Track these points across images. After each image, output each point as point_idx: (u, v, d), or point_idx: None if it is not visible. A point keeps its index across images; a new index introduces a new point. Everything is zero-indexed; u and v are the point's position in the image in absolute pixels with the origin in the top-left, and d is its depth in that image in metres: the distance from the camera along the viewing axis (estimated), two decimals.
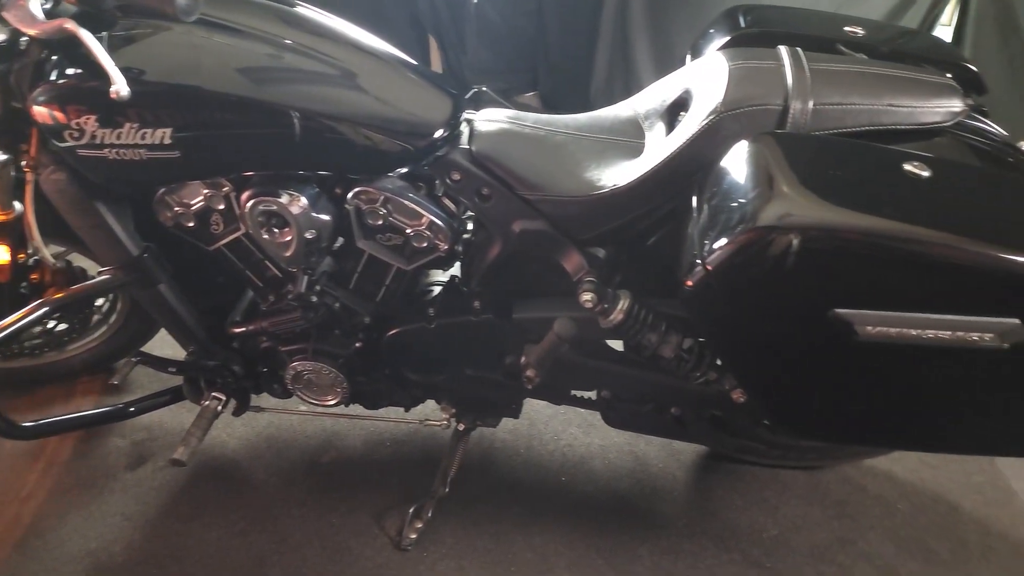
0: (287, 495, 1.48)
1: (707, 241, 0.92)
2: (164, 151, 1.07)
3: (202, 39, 1.09)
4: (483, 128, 1.20)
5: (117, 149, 1.07)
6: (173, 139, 1.06)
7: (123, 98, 0.95)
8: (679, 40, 3.40)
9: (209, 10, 1.08)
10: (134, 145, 1.06)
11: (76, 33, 0.95)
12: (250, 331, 1.36)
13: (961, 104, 1.05)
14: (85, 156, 1.08)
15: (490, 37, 3.92)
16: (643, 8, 3.50)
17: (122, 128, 1.05)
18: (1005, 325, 0.86)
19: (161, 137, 1.06)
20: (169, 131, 1.06)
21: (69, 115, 1.04)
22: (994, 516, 1.49)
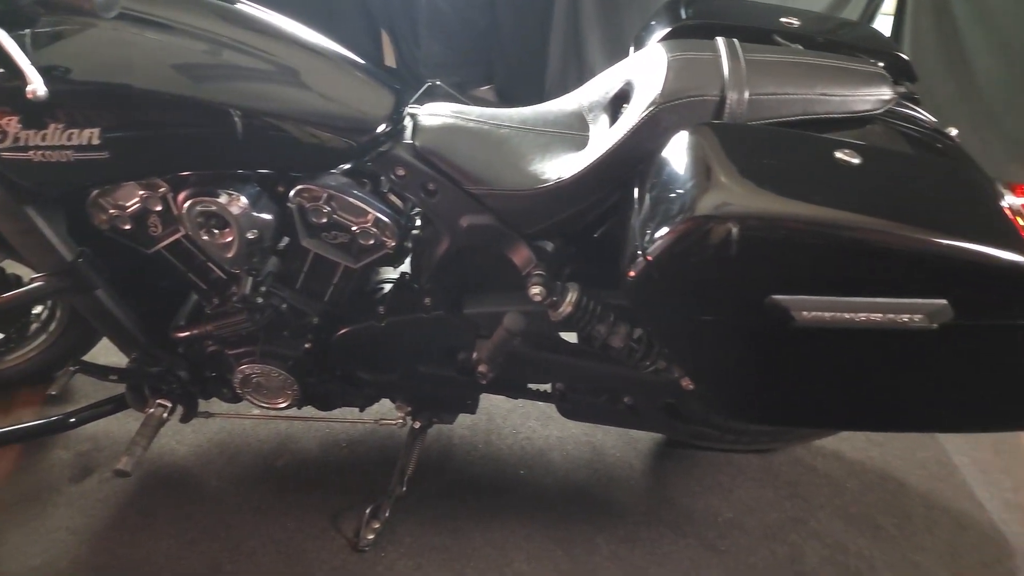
0: (240, 501, 1.45)
1: (647, 232, 0.93)
2: (92, 152, 1.04)
3: (132, 36, 1.05)
4: (427, 123, 1.19)
5: (42, 151, 1.03)
6: (102, 139, 1.03)
7: (40, 98, 0.92)
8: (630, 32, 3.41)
9: (139, 6, 1.05)
10: (60, 147, 1.03)
11: None
12: (195, 335, 1.32)
13: (891, 92, 1.08)
14: (9, 159, 1.04)
15: (443, 30, 3.89)
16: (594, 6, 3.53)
17: (47, 129, 1.02)
18: (933, 306, 0.89)
19: (89, 138, 1.02)
20: (97, 131, 1.02)
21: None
22: (937, 490, 1.54)
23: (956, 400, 1.03)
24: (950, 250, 0.87)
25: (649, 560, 1.38)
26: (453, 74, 4.00)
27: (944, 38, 2.52)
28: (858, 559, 1.39)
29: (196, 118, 1.07)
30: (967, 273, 0.88)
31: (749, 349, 0.99)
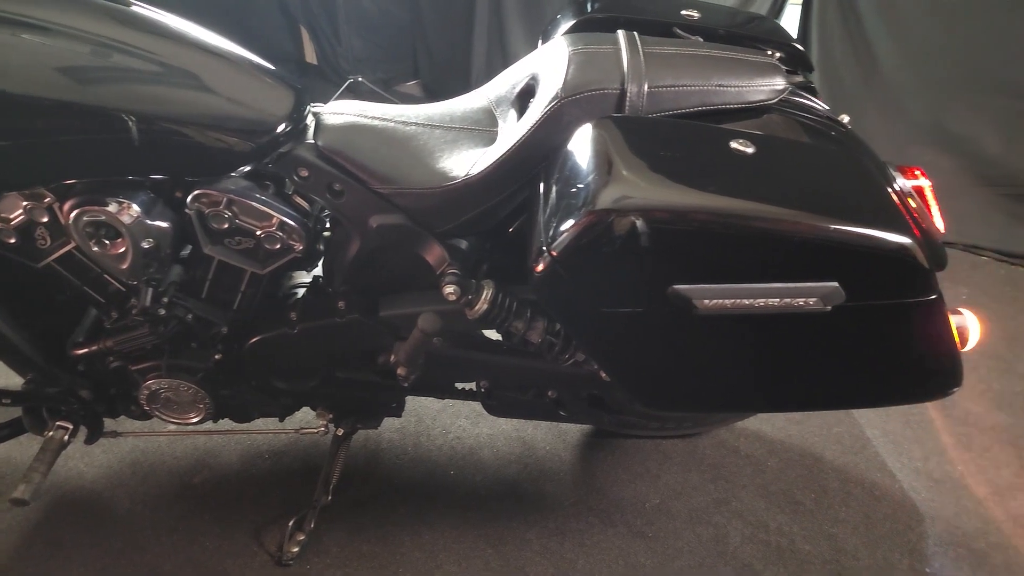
0: (155, 522, 1.39)
1: (552, 226, 0.93)
2: None
3: (7, 38, 0.98)
4: (330, 122, 1.16)
5: None
6: None
7: None
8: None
9: (16, 7, 0.98)
10: None
11: None
12: (95, 351, 1.25)
13: (784, 82, 1.11)
14: None
15: (364, 26, 3.83)
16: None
17: None
18: (826, 289, 0.92)
19: None
20: None
21: None
22: (851, 463, 1.61)
23: (855, 377, 1.07)
24: (839, 235, 0.90)
25: (578, 551, 1.39)
26: (377, 70, 3.94)
27: (848, 27, 2.63)
28: (778, 535, 1.43)
29: (80, 123, 1.00)
30: (856, 256, 0.91)
31: (655, 338, 1.00)
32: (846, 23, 2.62)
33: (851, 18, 2.60)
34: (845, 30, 2.63)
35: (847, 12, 2.60)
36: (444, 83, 3.99)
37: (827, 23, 2.65)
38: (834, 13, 2.63)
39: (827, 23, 2.65)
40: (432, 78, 4.07)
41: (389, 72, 4.04)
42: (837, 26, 2.64)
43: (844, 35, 2.64)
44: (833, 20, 2.63)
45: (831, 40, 2.66)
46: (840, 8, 2.62)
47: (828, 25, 2.65)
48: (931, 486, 1.56)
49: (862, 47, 2.61)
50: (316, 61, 4.21)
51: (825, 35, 2.67)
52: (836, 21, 2.63)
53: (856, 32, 2.61)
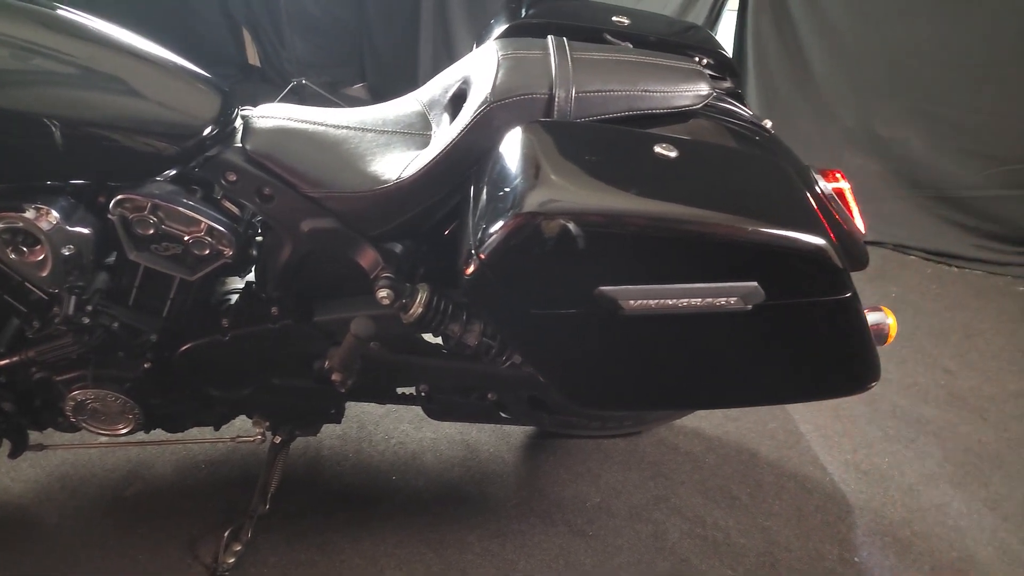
0: (85, 537, 1.35)
1: (480, 230, 0.94)
2: None
3: None
4: (258, 125, 1.15)
5: None
6: None
7: None
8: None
9: None
10: None
11: None
12: (16, 362, 1.21)
13: (708, 87, 1.14)
14: None
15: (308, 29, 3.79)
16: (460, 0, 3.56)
17: None
18: (746, 288, 0.95)
19: None
20: None
21: None
22: (785, 457, 1.66)
23: (777, 373, 1.10)
24: (757, 236, 0.93)
25: (519, 553, 1.40)
26: (323, 73, 3.90)
27: (783, 34, 2.71)
28: (715, 530, 1.47)
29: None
30: (774, 257, 0.94)
31: (585, 339, 1.02)
32: (780, 30, 2.70)
33: (785, 25, 2.69)
34: (779, 36, 2.71)
35: (781, 19, 2.69)
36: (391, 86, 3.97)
37: (761, 29, 2.73)
38: (768, 20, 2.71)
39: (761, 29, 2.73)
40: (379, 81, 4.05)
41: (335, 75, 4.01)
42: (771, 33, 2.72)
43: (778, 41, 2.72)
44: (767, 27, 2.72)
45: (766, 46, 2.75)
46: (774, 15, 2.70)
47: (763, 31, 2.74)
48: (860, 478, 1.62)
49: (795, 53, 2.70)
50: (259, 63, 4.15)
51: (760, 41, 2.75)
52: (770, 28, 2.71)
53: (790, 38, 2.69)
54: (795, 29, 2.66)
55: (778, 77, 2.78)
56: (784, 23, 2.69)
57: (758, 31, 2.74)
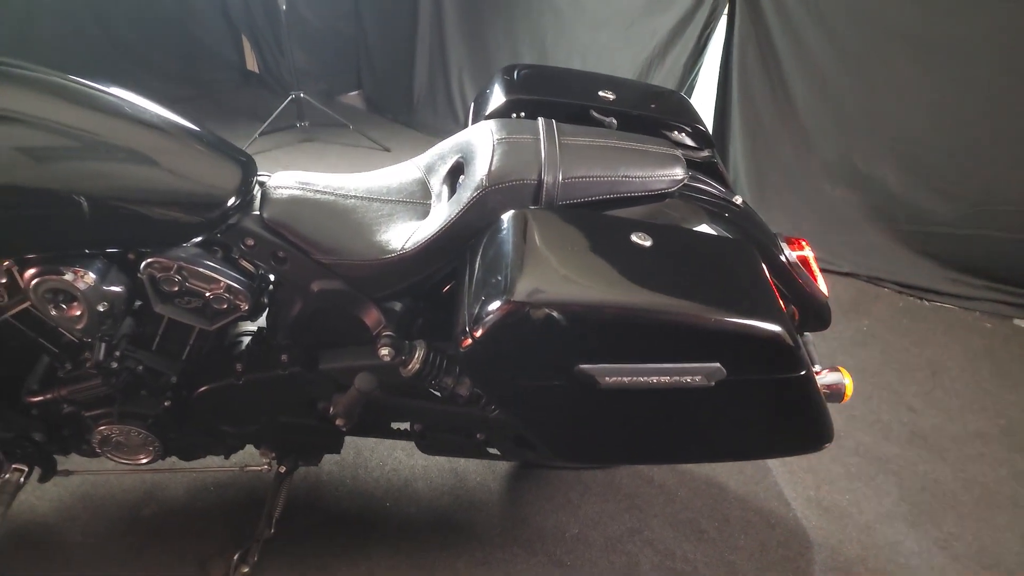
0: (105, 555, 1.47)
1: (474, 310, 1.05)
2: None
3: None
4: (274, 195, 1.25)
5: None
6: None
7: None
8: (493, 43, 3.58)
9: None
10: None
11: None
12: (48, 400, 1.33)
13: (683, 172, 1.25)
14: None
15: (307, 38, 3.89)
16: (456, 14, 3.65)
17: None
18: (709, 368, 1.07)
19: None
20: None
21: None
22: (752, 492, 1.79)
23: (738, 436, 1.23)
24: (720, 323, 1.04)
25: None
26: (320, 81, 4.00)
27: (768, 69, 2.81)
28: (683, 563, 1.60)
29: (36, 205, 1.07)
30: (735, 340, 1.06)
31: (566, 405, 1.14)
32: (764, 62, 2.80)
33: (769, 58, 2.78)
34: (763, 68, 2.81)
35: (766, 51, 2.79)
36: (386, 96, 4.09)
37: (747, 63, 2.83)
38: (754, 52, 2.81)
39: (747, 63, 2.83)
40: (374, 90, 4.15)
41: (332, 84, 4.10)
42: (756, 65, 2.82)
43: (763, 75, 2.82)
44: (753, 60, 2.81)
45: (751, 81, 2.85)
46: (759, 48, 2.80)
47: (748, 67, 2.83)
48: (821, 514, 1.75)
49: (779, 85, 2.81)
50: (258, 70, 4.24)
51: (745, 76, 2.85)
52: (755, 60, 2.81)
53: (774, 71, 2.79)
54: (779, 62, 2.76)
55: (761, 107, 2.88)
56: (768, 56, 2.78)
57: (743, 61, 2.84)
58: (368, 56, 4.07)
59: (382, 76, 4.07)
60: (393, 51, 3.91)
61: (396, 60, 3.90)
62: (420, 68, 3.80)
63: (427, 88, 3.84)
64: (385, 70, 4.03)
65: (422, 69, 3.80)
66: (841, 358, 2.30)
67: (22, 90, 1.11)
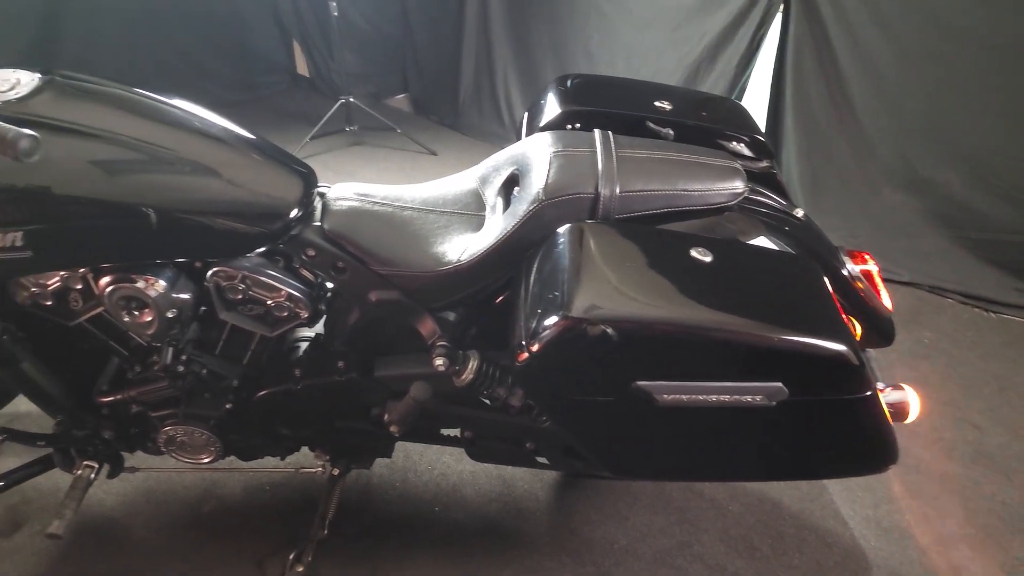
0: (169, 550, 1.53)
1: (530, 324, 1.06)
2: (15, 252, 1.08)
3: (48, 144, 1.08)
4: (335, 206, 1.28)
5: None
6: (24, 241, 1.08)
7: None
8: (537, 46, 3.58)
9: (51, 112, 1.09)
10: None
11: None
12: (119, 400, 1.38)
13: (743, 186, 1.23)
14: None
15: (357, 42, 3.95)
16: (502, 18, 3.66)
17: None
18: (771, 388, 1.04)
19: (12, 240, 1.07)
20: (20, 235, 1.07)
21: None
22: (808, 510, 1.74)
23: (797, 457, 1.20)
24: (783, 342, 1.02)
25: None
26: (368, 84, 4.06)
27: (824, 69, 2.73)
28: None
29: (114, 218, 1.11)
30: (798, 360, 1.03)
31: (621, 422, 1.13)
32: (822, 65, 2.72)
33: (827, 60, 2.70)
34: (820, 72, 2.73)
35: (823, 55, 2.71)
36: (432, 98, 4.13)
37: (802, 64, 2.76)
38: (810, 52, 2.73)
39: (802, 64, 2.76)
40: (421, 92, 4.20)
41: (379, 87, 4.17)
42: (812, 68, 2.74)
43: (819, 77, 2.74)
44: (809, 61, 2.74)
45: (806, 81, 2.77)
46: (816, 48, 2.72)
47: (803, 66, 2.76)
48: (880, 534, 1.70)
49: (836, 87, 2.72)
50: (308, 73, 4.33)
51: (800, 76, 2.77)
52: (812, 63, 2.73)
53: (832, 74, 2.71)
54: (836, 63, 2.68)
55: (817, 109, 2.80)
56: (825, 56, 2.70)
57: (798, 63, 2.76)
58: (415, 59, 4.12)
59: (429, 79, 4.11)
60: (440, 53, 3.94)
61: (443, 62, 3.93)
62: (466, 70, 3.82)
63: (473, 90, 3.87)
64: (432, 73, 4.07)
65: (468, 71, 3.83)
66: (901, 371, 2.22)
67: (86, 103, 1.15)
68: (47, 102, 1.10)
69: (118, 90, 1.21)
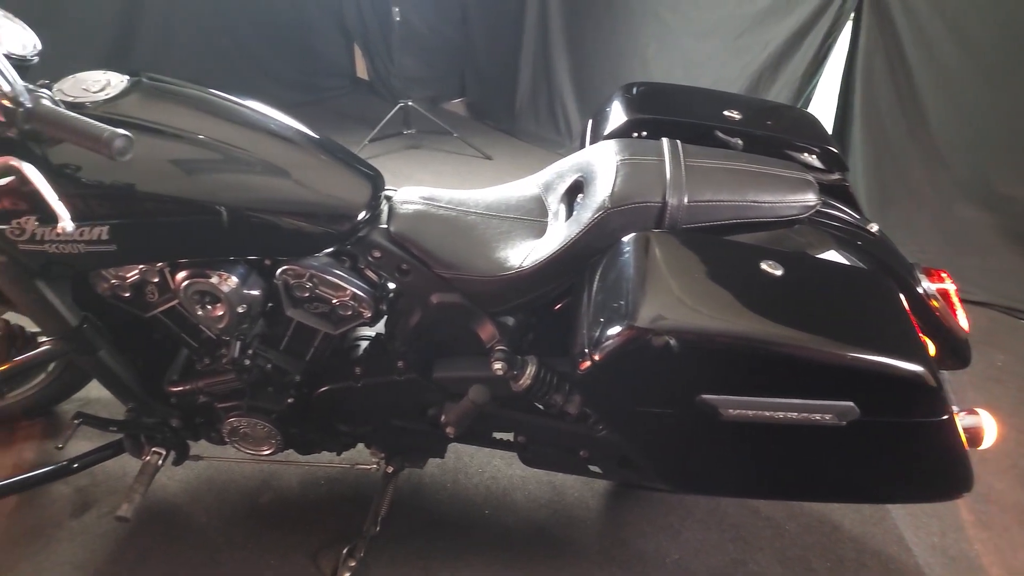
0: (228, 538, 1.57)
1: (594, 332, 1.05)
2: (101, 246, 1.14)
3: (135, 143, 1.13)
4: (401, 209, 1.30)
5: (57, 245, 1.13)
6: (110, 235, 1.13)
7: (68, 233, 1.01)
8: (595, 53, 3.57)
9: (138, 112, 1.14)
10: (73, 242, 1.13)
11: (21, 170, 0.99)
12: (188, 390, 1.43)
13: (815, 198, 1.20)
14: (27, 251, 1.14)
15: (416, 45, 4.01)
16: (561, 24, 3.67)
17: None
18: (842, 408, 1.01)
19: (99, 234, 1.13)
20: (106, 228, 1.13)
21: (11, 215, 1.11)
22: (869, 534, 1.68)
23: (866, 479, 1.16)
24: (856, 361, 0.99)
25: None
26: (426, 88, 4.12)
27: (896, 79, 2.64)
28: None
29: (193, 216, 1.16)
30: (871, 380, 1.00)
31: (683, 435, 1.12)
32: (893, 72, 2.63)
33: (899, 70, 2.61)
34: (892, 79, 2.64)
35: (895, 64, 2.62)
36: (489, 103, 4.16)
37: (873, 74, 2.67)
38: (882, 61, 2.64)
39: (873, 74, 2.67)
40: (478, 97, 4.23)
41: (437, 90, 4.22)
42: (884, 75, 2.65)
43: (891, 87, 2.65)
44: (880, 71, 2.65)
45: (877, 91, 2.68)
46: (888, 60, 2.63)
47: (874, 76, 2.67)
48: (946, 564, 1.63)
49: (908, 97, 2.63)
50: (367, 77, 4.42)
51: (870, 85, 2.69)
52: (883, 72, 2.64)
53: (904, 84, 2.62)
54: (909, 73, 2.59)
55: (888, 120, 2.71)
56: (897, 66, 2.61)
57: (869, 72, 2.68)
58: (474, 63, 4.16)
59: (486, 84, 4.14)
60: (498, 59, 3.97)
61: (501, 67, 3.96)
62: (524, 75, 3.84)
63: (530, 96, 3.88)
64: (490, 77, 4.10)
65: (526, 76, 3.84)
66: (972, 395, 2.13)
67: (170, 104, 1.20)
68: (135, 103, 1.16)
69: (198, 92, 1.26)
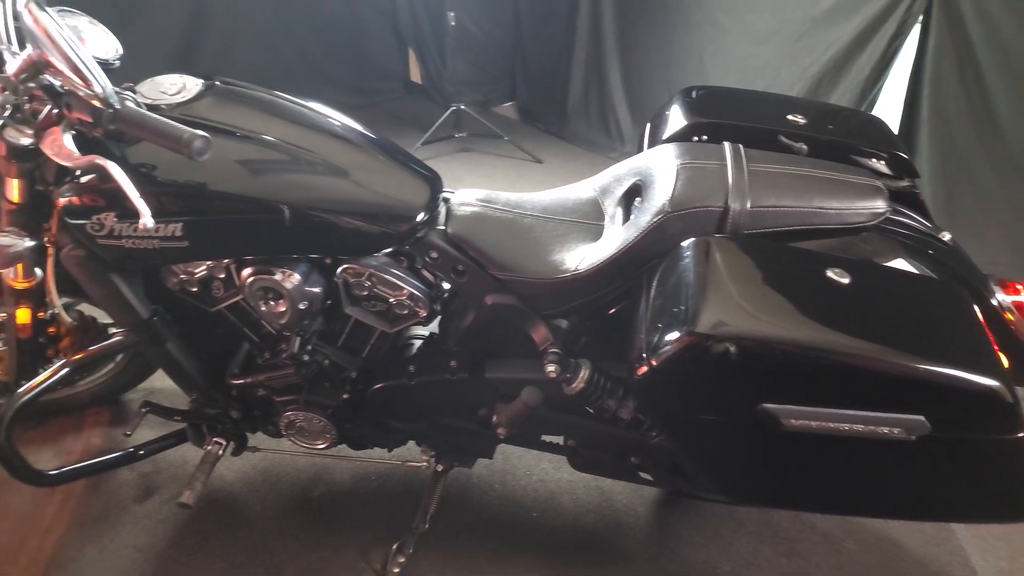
0: (281, 528, 1.61)
1: (652, 337, 1.04)
2: (175, 241, 1.19)
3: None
4: (458, 211, 1.32)
5: (133, 240, 1.19)
6: (183, 232, 1.18)
7: (149, 229, 1.05)
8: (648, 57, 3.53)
9: (212, 114, 1.19)
10: (149, 237, 1.18)
11: (106, 168, 1.03)
12: (248, 383, 1.48)
13: (884, 205, 1.16)
14: (104, 245, 1.20)
15: (469, 50, 4.04)
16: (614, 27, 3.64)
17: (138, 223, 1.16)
18: (911, 422, 0.98)
19: (173, 230, 1.18)
20: (180, 225, 1.18)
21: (91, 211, 1.16)
22: (932, 555, 1.61)
23: (933, 496, 1.12)
24: (927, 373, 0.95)
25: None
26: (477, 91, 4.16)
27: (966, 83, 2.52)
28: None
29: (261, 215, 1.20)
30: (944, 393, 0.96)
31: (742, 445, 1.09)
32: (963, 78, 2.52)
33: (969, 73, 2.50)
34: (962, 86, 2.53)
35: (965, 67, 2.51)
36: (540, 106, 4.16)
37: (942, 78, 2.56)
38: (951, 66, 2.53)
39: (942, 78, 2.56)
40: (529, 100, 4.24)
41: (488, 94, 4.25)
42: (953, 79, 2.54)
43: (960, 91, 2.54)
44: (949, 75, 2.54)
45: (945, 95, 2.57)
46: (958, 63, 2.52)
47: (943, 80, 2.56)
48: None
49: (980, 105, 2.51)
50: (420, 81, 4.48)
51: (939, 90, 2.58)
52: (952, 76, 2.53)
53: (975, 89, 2.50)
54: (981, 78, 2.47)
55: (957, 127, 2.59)
56: (968, 70, 2.50)
57: (937, 78, 2.57)
58: (525, 66, 4.17)
59: (537, 87, 4.14)
60: (549, 62, 3.97)
61: (552, 71, 3.96)
62: (576, 78, 3.83)
63: (581, 99, 3.86)
64: (541, 81, 4.10)
65: (577, 79, 3.83)
66: None
67: (241, 107, 1.25)
68: (209, 105, 1.21)
69: (266, 95, 1.31)
